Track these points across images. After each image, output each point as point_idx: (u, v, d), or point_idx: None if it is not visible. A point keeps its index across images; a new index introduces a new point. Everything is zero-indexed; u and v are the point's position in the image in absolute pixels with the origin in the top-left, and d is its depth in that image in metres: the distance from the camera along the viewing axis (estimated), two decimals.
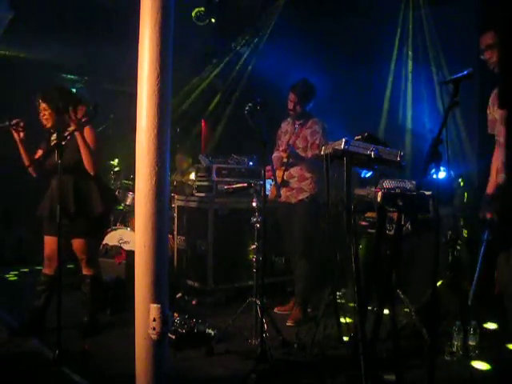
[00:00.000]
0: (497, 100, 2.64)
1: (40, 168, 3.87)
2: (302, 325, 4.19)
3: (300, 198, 4.44)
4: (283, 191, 4.49)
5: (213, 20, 7.25)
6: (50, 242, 3.85)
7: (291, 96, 4.46)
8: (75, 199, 3.76)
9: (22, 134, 3.76)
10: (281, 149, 4.50)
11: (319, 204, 4.48)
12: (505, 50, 2.42)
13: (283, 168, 4.50)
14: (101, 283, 4.10)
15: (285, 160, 4.45)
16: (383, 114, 6.22)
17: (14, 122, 3.70)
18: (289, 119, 4.67)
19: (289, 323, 4.24)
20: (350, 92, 6.12)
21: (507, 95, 2.36)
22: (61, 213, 3.54)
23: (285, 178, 4.49)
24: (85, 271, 3.95)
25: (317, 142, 4.41)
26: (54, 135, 3.88)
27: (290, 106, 4.47)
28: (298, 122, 4.58)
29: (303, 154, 4.45)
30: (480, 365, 3.36)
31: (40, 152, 3.92)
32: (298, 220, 4.43)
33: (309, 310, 4.56)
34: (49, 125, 3.83)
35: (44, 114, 3.79)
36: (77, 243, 3.85)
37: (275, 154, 4.63)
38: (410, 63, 6.15)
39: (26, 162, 3.82)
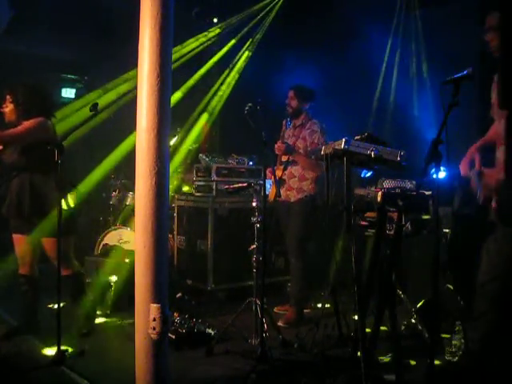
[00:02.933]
0: (497, 95, 2.63)
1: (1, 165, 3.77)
2: (295, 326, 4.19)
3: (299, 197, 4.46)
4: (282, 190, 4.49)
5: (214, 20, 7.25)
6: (18, 241, 3.75)
7: (289, 92, 4.61)
8: (31, 198, 3.62)
9: None
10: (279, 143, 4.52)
11: (317, 204, 4.50)
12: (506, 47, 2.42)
13: (282, 167, 4.53)
14: (83, 279, 3.99)
15: (284, 159, 4.48)
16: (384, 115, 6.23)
17: None
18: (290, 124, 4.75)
19: (280, 323, 4.20)
20: (348, 92, 6.13)
21: (508, 95, 2.36)
22: (18, 213, 3.52)
23: (284, 177, 4.51)
24: (63, 272, 3.65)
25: (315, 141, 4.45)
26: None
27: (288, 101, 4.61)
28: (296, 123, 4.62)
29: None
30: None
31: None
32: (294, 219, 4.46)
33: (307, 310, 4.56)
34: (8, 118, 3.72)
35: (7, 106, 3.70)
36: (45, 243, 3.70)
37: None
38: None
39: None
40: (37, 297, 3.86)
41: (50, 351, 3.37)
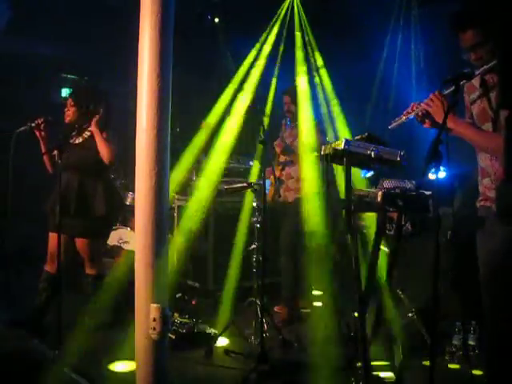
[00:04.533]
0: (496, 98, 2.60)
1: (54, 164, 3.90)
2: (288, 324, 4.19)
3: (297, 196, 4.45)
4: (281, 191, 4.47)
5: (216, 20, 7.23)
6: (54, 239, 3.83)
7: (285, 98, 4.62)
8: (78, 199, 3.77)
9: (43, 133, 3.83)
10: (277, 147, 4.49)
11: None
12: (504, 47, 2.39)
13: (280, 167, 4.51)
14: (103, 283, 4.11)
15: (282, 160, 4.47)
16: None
17: (36, 123, 3.77)
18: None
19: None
20: (350, 92, 6.14)
21: (508, 95, 2.35)
22: (61, 211, 3.54)
23: (283, 178, 4.50)
24: (88, 271, 3.98)
25: (311, 141, 4.39)
26: (75, 131, 3.91)
27: (286, 107, 4.61)
28: (293, 124, 4.61)
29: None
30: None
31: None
32: (290, 219, 4.44)
33: (303, 310, 4.53)
34: (69, 120, 3.88)
35: (68, 109, 3.86)
36: (79, 243, 3.88)
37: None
38: None
39: (46, 159, 3.91)
40: (50, 299, 3.87)
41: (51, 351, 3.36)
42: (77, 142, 3.86)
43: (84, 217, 3.80)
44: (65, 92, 7.15)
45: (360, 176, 3.33)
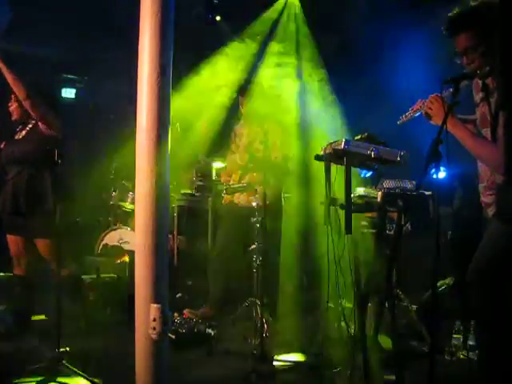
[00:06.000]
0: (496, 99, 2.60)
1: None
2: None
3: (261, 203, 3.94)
4: (243, 195, 4.20)
5: (217, 18, 7.21)
6: (14, 241, 3.72)
7: (240, 99, 4.30)
8: (27, 196, 3.59)
9: None
10: (238, 154, 4.29)
11: (282, 208, 4.41)
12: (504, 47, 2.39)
13: (239, 172, 4.29)
14: (79, 280, 4.04)
15: (241, 164, 4.24)
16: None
17: None
18: (242, 121, 4.41)
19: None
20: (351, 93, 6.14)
21: (508, 96, 2.35)
22: (13, 211, 3.49)
23: (243, 182, 4.18)
24: (61, 272, 3.86)
25: (278, 142, 4.22)
26: (20, 127, 3.81)
27: (243, 109, 4.25)
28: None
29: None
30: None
31: (3, 143, 3.85)
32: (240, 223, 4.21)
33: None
34: (14, 116, 3.78)
35: (12, 105, 3.75)
36: (40, 244, 3.68)
37: (230, 157, 4.46)
38: None
39: None
40: (31, 298, 3.83)
41: (49, 351, 3.36)
42: (21, 136, 3.76)
43: (36, 216, 3.58)
44: (65, 92, 7.15)
45: None
